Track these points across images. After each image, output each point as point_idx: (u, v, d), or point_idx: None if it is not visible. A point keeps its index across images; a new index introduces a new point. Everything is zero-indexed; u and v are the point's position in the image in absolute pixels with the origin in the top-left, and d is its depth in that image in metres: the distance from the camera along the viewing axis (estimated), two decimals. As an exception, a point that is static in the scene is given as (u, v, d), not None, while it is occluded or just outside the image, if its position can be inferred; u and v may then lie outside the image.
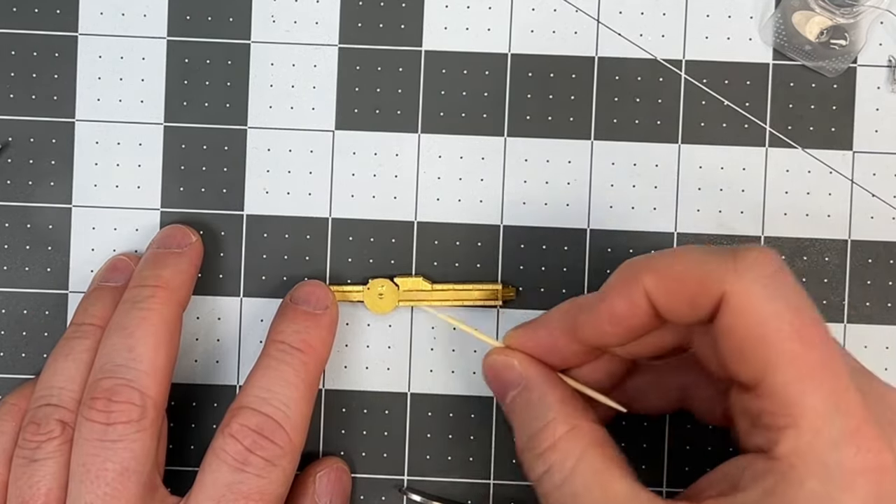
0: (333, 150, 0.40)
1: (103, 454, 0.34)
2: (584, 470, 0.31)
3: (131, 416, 0.34)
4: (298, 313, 0.37)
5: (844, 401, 0.28)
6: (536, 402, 0.34)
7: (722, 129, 0.40)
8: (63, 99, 0.40)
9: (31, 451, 0.35)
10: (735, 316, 0.29)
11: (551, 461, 0.32)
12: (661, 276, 0.31)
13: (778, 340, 0.29)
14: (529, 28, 0.40)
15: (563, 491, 0.32)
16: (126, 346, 0.35)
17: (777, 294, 0.29)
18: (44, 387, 0.36)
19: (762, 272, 0.29)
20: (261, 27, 0.40)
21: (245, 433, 0.34)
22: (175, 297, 0.37)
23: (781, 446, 0.28)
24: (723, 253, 0.30)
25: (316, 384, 0.37)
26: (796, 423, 0.28)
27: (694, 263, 0.30)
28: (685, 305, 0.30)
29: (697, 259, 0.30)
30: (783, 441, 0.28)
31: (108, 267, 0.39)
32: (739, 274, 0.29)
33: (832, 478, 0.28)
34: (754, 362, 0.29)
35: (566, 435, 0.32)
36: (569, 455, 0.32)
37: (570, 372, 0.35)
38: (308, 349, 0.36)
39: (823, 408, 0.28)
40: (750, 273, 0.29)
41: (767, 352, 0.29)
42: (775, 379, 0.28)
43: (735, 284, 0.29)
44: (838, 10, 0.39)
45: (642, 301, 0.31)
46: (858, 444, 0.28)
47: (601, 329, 0.32)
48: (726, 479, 0.30)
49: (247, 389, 0.35)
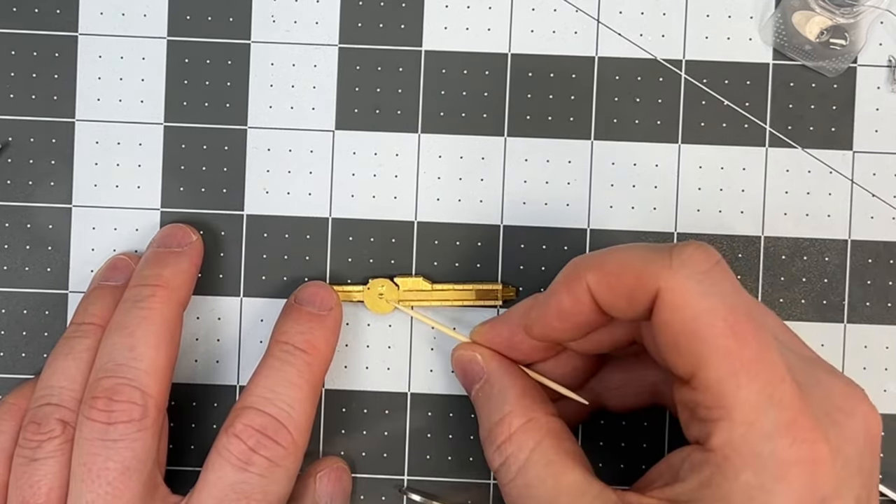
0: (333, 150, 0.40)
1: (104, 453, 0.34)
2: (537, 461, 0.32)
3: (132, 416, 0.34)
4: (303, 314, 0.37)
5: (779, 393, 0.29)
6: (496, 394, 0.34)
7: (722, 129, 0.40)
8: (63, 99, 0.40)
9: (31, 450, 0.35)
10: (669, 311, 0.29)
11: (507, 453, 0.33)
12: (601, 272, 0.31)
13: (711, 336, 0.29)
14: (529, 28, 0.40)
15: (517, 482, 0.32)
16: (127, 345, 0.35)
17: (711, 290, 0.29)
18: (44, 386, 0.36)
19: (696, 269, 0.30)
20: (261, 27, 0.40)
21: (249, 433, 0.34)
22: (175, 296, 0.37)
23: (715, 438, 0.29)
24: (660, 250, 0.31)
25: (319, 385, 0.37)
26: (729, 416, 0.28)
27: (632, 260, 0.31)
28: (623, 301, 0.31)
29: (635, 255, 0.31)
30: (717, 433, 0.29)
31: (108, 266, 0.39)
32: (674, 270, 0.30)
33: (766, 469, 0.28)
34: (688, 357, 0.29)
35: (522, 427, 0.33)
36: (523, 447, 0.33)
37: (536, 366, 0.36)
38: (312, 350, 0.36)
39: (756, 400, 0.28)
40: (684, 269, 0.30)
41: (700, 347, 0.29)
42: (708, 373, 0.29)
43: (669, 280, 0.29)
44: (838, 10, 0.39)
45: (585, 297, 0.32)
46: (793, 436, 0.28)
47: (550, 325, 0.33)
48: (670, 470, 0.31)
49: (251, 389, 0.35)
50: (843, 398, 0.30)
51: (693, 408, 0.30)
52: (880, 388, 0.40)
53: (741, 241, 0.40)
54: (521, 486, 0.32)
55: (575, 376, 0.36)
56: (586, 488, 0.31)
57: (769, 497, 0.28)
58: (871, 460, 0.30)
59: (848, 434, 0.29)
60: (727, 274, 0.30)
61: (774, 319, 0.32)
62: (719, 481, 0.28)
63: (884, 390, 0.40)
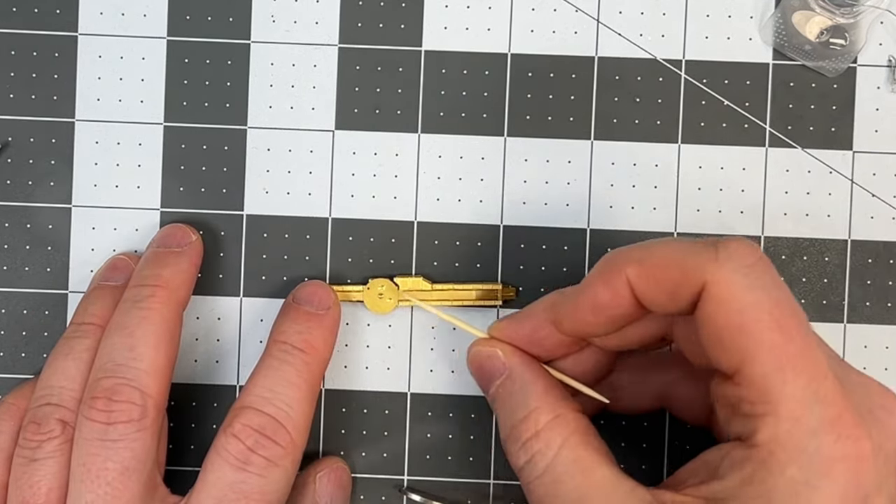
0: (333, 150, 0.40)
1: (104, 453, 0.34)
2: (565, 458, 0.32)
3: (132, 416, 0.34)
4: (301, 313, 0.37)
5: (824, 389, 0.28)
6: (519, 391, 0.34)
7: (722, 128, 0.40)
8: (63, 99, 0.40)
9: (31, 450, 0.35)
10: (715, 305, 0.29)
11: (534, 450, 0.32)
12: (644, 265, 0.31)
13: (757, 330, 0.29)
14: (529, 28, 0.40)
15: (545, 479, 0.32)
16: (127, 345, 0.35)
17: (757, 284, 0.29)
18: (44, 386, 0.36)
19: (743, 262, 0.30)
20: (261, 27, 0.40)
21: (247, 433, 0.34)
22: (175, 296, 0.37)
23: (760, 434, 0.29)
24: (704, 244, 0.30)
25: (318, 384, 0.37)
26: (775, 411, 0.28)
27: (676, 253, 0.30)
28: (666, 295, 0.31)
29: (679, 249, 0.31)
30: (762, 429, 0.29)
31: (107, 266, 0.39)
32: (720, 264, 0.29)
33: (811, 465, 0.28)
34: (734, 351, 0.29)
35: (549, 424, 0.33)
36: (551, 444, 0.32)
37: (554, 363, 0.35)
38: (310, 349, 0.36)
39: (802, 396, 0.28)
40: (730, 263, 0.29)
41: (746, 341, 0.29)
42: (754, 368, 0.29)
43: (716, 274, 0.29)
44: (838, 9, 0.39)
45: (624, 290, 0.31)
46: (838, 432, 0.28)
47: (583, 318, 0.33)
48: (706, 468, 0.31)
49: (249, 389, 0.35)
50: (882, 396, 0.30)
51: (736, 403, 0.30)
52: (880, 388, 0.40)
53: (741, 241, 0.40)
54: (548, 484, 0.32)
55: (592, 374, 0.36)
56: (617, 484, 0.31)
57: (814, 493, 0.28)
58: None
59: (889, 431, 0.29)
60: (770, 269, 0.30)
61: None
62: (763, 477, 0.28)
63: (884, 390, 0.40)
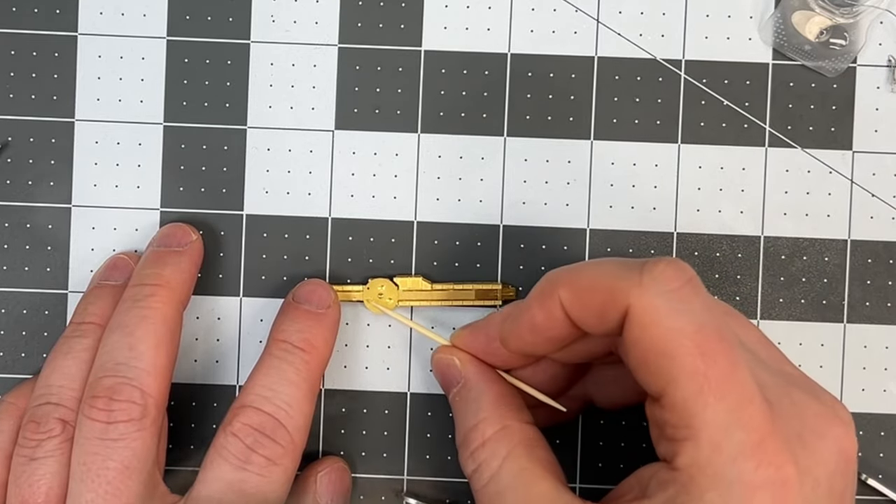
0: (333, 150, 0.40)
1: (104, 452, 0.34)
2: (508, 469, 0.32)
3: (132, 415, 0.34)
4: (300, 312, 0.37)
5: (747, 414, 0.28)
6: (473, 400, 0.35)
7: (722, 128, 0.40)
8: (63, 99, 0.40)
9: (31, 449, 0.35)
10: (639, 329, 0.29)
11: (480, 459, 0.33)
12: (573, 287, 0.31)
13: (679, 355, 0.29)
14: (529, 28, 0.40)
15: (489, 489, 0.32)
16: (127, 344, 0.35)
17: (680, 308, 0.29)
18: (43, 385, 0.36)
19: (666, 286, 0.29)
20: (260, 27, 0.40)
21: (247, 432, 0.34)
22: (175, 295, 0.37)
23: (681, 458, 0.29)
24: (631, 266, 0.30)
25: (318, 383, 0.37)
26: (696, 436, 0.28)
27: (603, 275, 0.31)
28: (594, 317, 0.31)
29: (607, 271, 0.31)
30: (683, 453, 0.29)
31: (107, 265, 0.39)
32: (644, 287, 0.29)
33: (732, 491, 0.28)
34: (657, 375, 0.29)
35: (495, 434, 0.33)
36: (496, 454, 0.33)
37: (515, 372, 0.36)
38: (310, 348, 0.36)
39: (723, 421, 0.28)
40: (654, 286, 0.29)
41: (668, 365, 0.29)
42: (676, 393, 0.29)
43: (639, 298, 0.29)
44: (838, 9, 0.39)
45: (558, 312, 0.31)
46: (759, 458, 0.28)
47: (523, 338, 0.33)
48: (639, 485, 0.31)
49: (249, 388, 0.35)
50: (816, 418, 0.30)
51: (661, 425, 0.30)
52: (880, 388, 0.40)
53: (741, 241, 0.40)
54: (492, 494, 0.32)
55: (556, 382, 0.36)
56: (556, 498, 0.31)
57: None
58: (843, 482, 0.30)
59: (819, 456, 0.29)
60: (699, 291, 0.30)
61: (754, 335, 0.32)
62: (684, 500, 0.28)
63: (883, 390, 0.40)
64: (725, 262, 0.40)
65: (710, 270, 0.40)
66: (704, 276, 0.40)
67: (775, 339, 0.40)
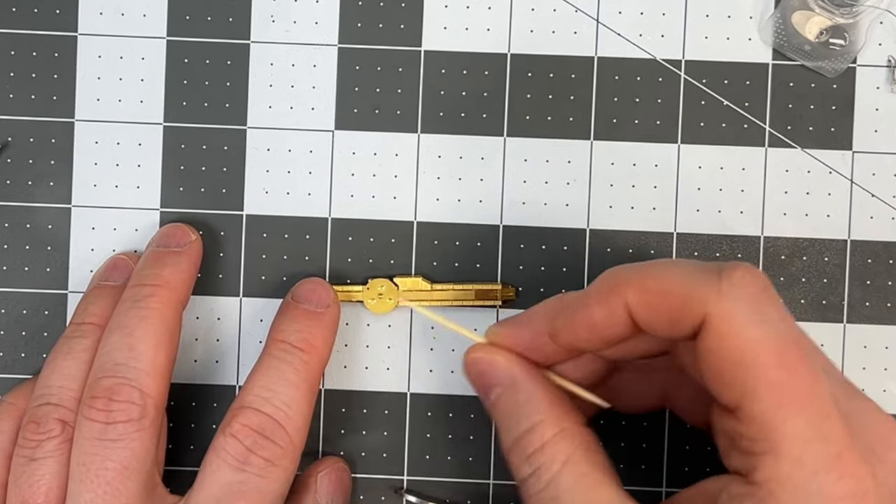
0: (333, 150, 0.40)
1: (103, 453, 0.34)
2: (568, 474, 0.31)
3: (131, 415, 0.34)
4: (300, 312, 0.37)
5: (826, 427, 0.28)
6: (524, 402, 0.33)
7: (721, 129, 0.40)
8: (63, 99, 0.40)
9: (30, 449, 0.35)
10: (717, 339, 0.28)
11: (538, 463, 0.32)
12: (644, 290, 0.30)
13: (759, 366, 0.28)
14: (529, 28, 0.40)
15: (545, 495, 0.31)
16: (126, 344, 0.35)
17: (760, 318, 0.28)
18: (43, 386, 0.36)
19: (746, 293, 0.29)
20: (260, 27, 0.40)
21: (246, 433, 0.34)
22: (175, 296, 0.37)
23: (760, 472, 0.28)
24: (708, 270, 0.29)
25: (317, 383, 0.37)
26: (776, 450, 0.28)
27: (678, 280, 0.29)
28: (666, 323, 0.30)
29: (682, 276, 0.30)
30: (762, 467, 0.28)
31: (107, 266, 0.39)
32: (723, 295, 0.28)
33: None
34: (735, 387, 0.28)
35: (554, 438, 0.32)
36: (556, 458, 0.31)
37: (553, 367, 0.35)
38: (309, 348, 0.36)
39: (804, 435, 0.27)
40: (733, 294, 0.28)
41: (748, 378, 0.28)
42: (755, 405, 0.28)
43: (718, 306, 0.28)
44: (838, 10, 0.39)
45: (622, 313, 0.30)
46: (840, 471, 0.27)
47: (579, 336, 0.32)
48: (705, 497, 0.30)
49: (248, 389, 0.35)
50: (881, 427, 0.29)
51: (736, 438, 0.29)
52: (880, 388, 0.40)
53: (741, 241, 0.40)
54: (548, 500, 0.31)
55: (592, 378, 0.35)
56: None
57: None
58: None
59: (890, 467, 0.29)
60: (775, 299, 0.29)
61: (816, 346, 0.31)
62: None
63: (883, 390, 0.40)
64: (725, 263, 0.40)
65: (710, 270, 0.40)
66: (704, 277, 0.40)
67: (775, 339, 0.40)
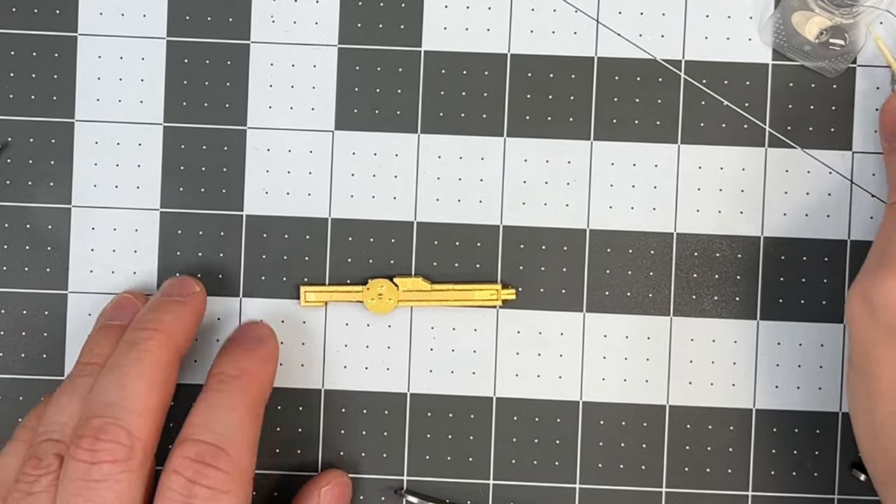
0: (333, 151, 0.40)
1: (85, 494, 0.32)
2: None
3: (117, 456, 0.33)
4: (234, 350, 0.38)
5: None
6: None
7: (721, 129, 0.40)
8: (63, 99, 0.40)
9: (28, 484, 0.34)
10: None
11: None
12: None
13: None
14: (529, 28, 0.40)
15: None
16: (119, 385, 0.34)
17: None
18: (48, 423, 0.35)
19: None
20: (260, 27, 0.40)
21: (186, 465, 0.33)
22: (173, 341, 0.36)
23: None
24: None
25: (258, 406, 0.36)
26: None
27: None
28: None
29: None
30: None
31: (114, 304, 0.39)
32: None
33: None
34: None
35: None
36: None
37: None
38: (244, 375, 0.36)
39: None
40: None
41: None
42: None
43: None
44: (838, 10, 0.39)
45: None
46: None
47: None
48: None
49: (185, 424, 0.35)
50: None
51: None
52: (880, 389, 0.40)
53: (741, 241, 0.40)
54: None
55: None
56: None
57: None
58: None
59: None
60: None
61: None
62: None
63: (883, 390, 0.40)
64: (725, 262, 0.40)
65: (710, 270, 0.40)
66: (704, 276, 0.40)
67: (775, 339, 0.40)
